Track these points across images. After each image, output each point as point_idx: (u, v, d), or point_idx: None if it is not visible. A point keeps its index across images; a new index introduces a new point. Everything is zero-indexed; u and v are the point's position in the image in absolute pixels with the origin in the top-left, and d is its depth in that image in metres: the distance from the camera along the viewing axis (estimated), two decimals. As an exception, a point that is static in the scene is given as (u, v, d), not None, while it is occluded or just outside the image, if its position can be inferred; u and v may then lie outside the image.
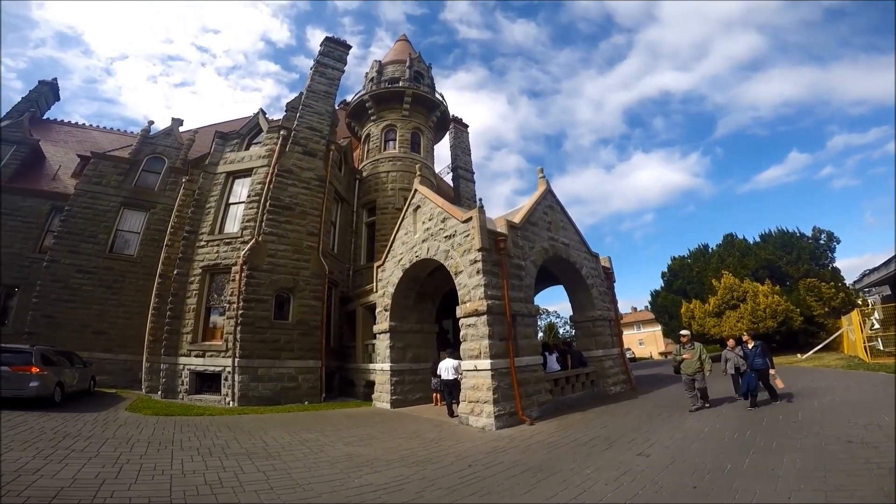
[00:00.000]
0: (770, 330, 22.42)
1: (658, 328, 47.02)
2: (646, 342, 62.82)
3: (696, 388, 9.52)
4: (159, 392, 13.86)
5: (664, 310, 31.19)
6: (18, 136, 21.04)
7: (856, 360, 16.16)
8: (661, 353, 56.45)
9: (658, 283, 33.65)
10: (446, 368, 11.18)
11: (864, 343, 16.31)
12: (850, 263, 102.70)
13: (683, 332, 10.42)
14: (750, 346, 9.49)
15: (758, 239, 29.43)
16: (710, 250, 30.72)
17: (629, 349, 39.37)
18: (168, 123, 21.97)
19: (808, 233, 27.80)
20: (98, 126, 27.32)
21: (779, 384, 9.60)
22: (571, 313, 15.04)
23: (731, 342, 10.63)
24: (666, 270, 32.68)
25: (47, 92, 27.12)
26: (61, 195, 19.32)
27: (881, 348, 15.97)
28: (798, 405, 8.94)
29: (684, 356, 9.69)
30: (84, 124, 27.14)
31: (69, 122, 26.83)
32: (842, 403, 8.76)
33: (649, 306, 37.45)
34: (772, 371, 9.30)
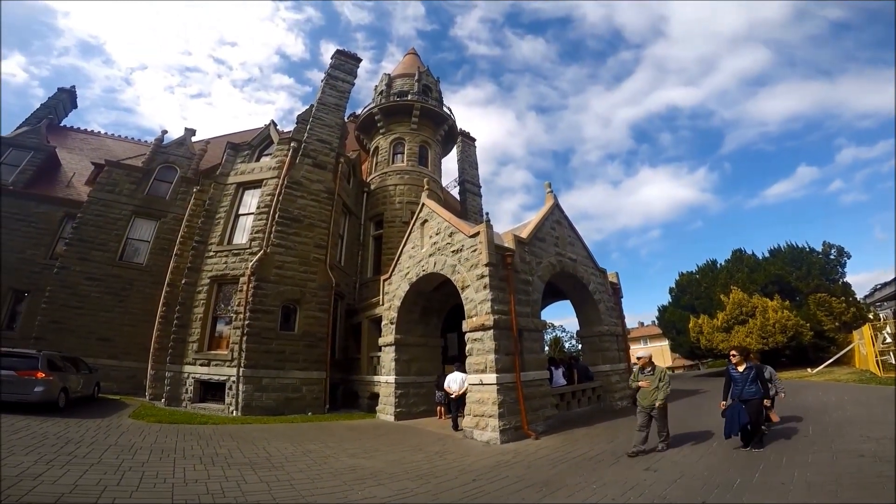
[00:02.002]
0: (780, 345, 22.17)
1: (665, 343, 46.60)
2: (653, 357, 61.97)
3: (650, 426, 7.33)
4: (163, 400, 13.85)
5: (672, 325, 30.97)
6: (36, 142, 21.41)
7: (868, 375, 15.95)
8: (668, 368, 55.97)
9: (665, 299, 33.51)
10: (453, 381, 11.12)
11: (876, 357, 16.14)
12: (861, 279, 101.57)
13: (640, 353, 8.29)
14: (741, 368, 7.13)
15: (767, 254, 29.19)
16: (718, 266, 30.51)
17: (636, 364, 38.81)
18: (181, 133, 22.33)
19: (818, 248, 27.52)
20: (113, 134, 27.83)
21: (773, 417, 8.05)
22: (578, 328, 14.92)
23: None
24: (674, 286, 32.56)
25: (65, 99, 27.70)
26: (74, 202, 19.60)
27: (893, 362, 15.69)
28: (809, 420, 8.75)
29: (640, 383, 7.56)
30: (99, 132, 27.69)
31: (85, 129, 27.34)
32: (854, 418, 8.58)
33: (656, 321, 37.10)
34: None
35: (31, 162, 20.66)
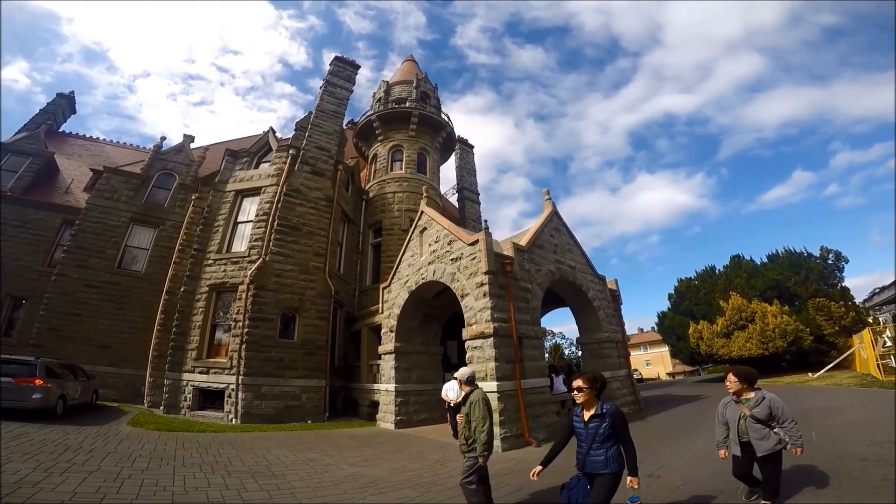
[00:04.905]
0: (780, 350, 22.25)
1: (665, 349, 46.66)
2: (653, 363, 62.59)
3: (467, 477, 4.54)
4: (161, 407, 13.74)
5: (671, 331, 30.97)
6: (34, 148, 21.36)
7: (869, 378, 16.03)
8: (668, 374, 56.14)
9: (665, 304, 33.50)
10: (450, 390, 11.07)
11: (877, 361, 16.22)
12: (860, 282, 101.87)
13: (459, 371, 5.24)
14: (588, 413, 3.78)
15: (765, 260, 29.36)
16: (717, 272, 30.63)
17: (636, 370, 38.86)
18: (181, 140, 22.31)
19: (816, 253, 27.67)
20: (112, 140, 27.83)
21: (795, 452, 4.45)
22: (578, 335, 14.92)
23: (730, 380, 4.77)
24: (673, 292, 32.58)
25: (64, 105, 27.67)
26: (73, 209, 19.53)
27: (894, 366, 15.75)
28: (811, 424, 8.73)
29: (458, 416, 5.52)
30: (98, 138, 27.62)
31: (84, 135, 27.22)
32: (856, 421, 8.60)
33: (656, 327, 37.11)
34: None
35: (30, 168, 20.59)
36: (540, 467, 3.86)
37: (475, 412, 4.62)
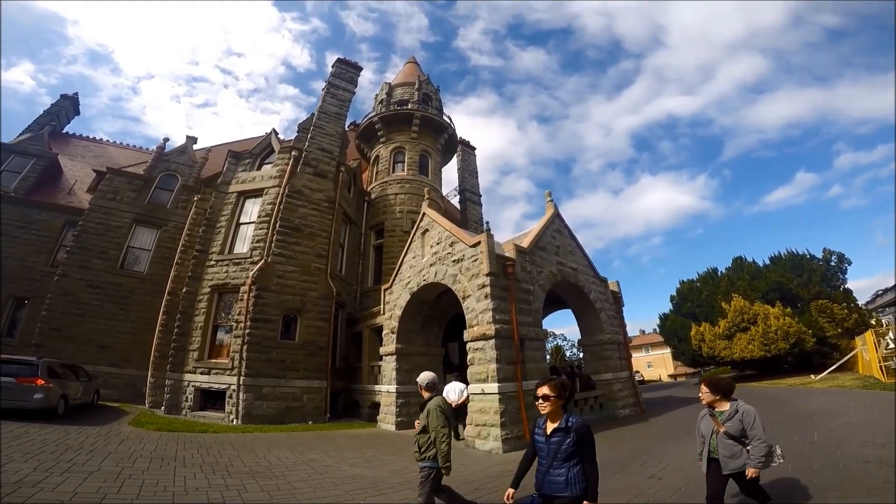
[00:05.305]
0: (782, 352, 22.18)
1: (667, 351, 46.58)
2: (654, 364, 62.58)
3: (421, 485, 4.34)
4: (162, 407, 13.76)
5: (673, 333, 30.95)
6: (38, 149, 21.49)
7: (871, 380, 15.98)
8: (669, 376, 56.07)
9: (667, 306, 33.43)
10: (451, 391, 11.04)
11: (880, 363, 16.17)
12: (863, 284, 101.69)
13: (420, 375, 4.99)
14: (550, 426, 3.18)
15: (768, 262, 29.28)
16: (719, 274, 30.57)
17: (638, 372, 38.81)
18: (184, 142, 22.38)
19: (819, 254, 27.60)
20: (115, 142, 27.92)
21: (749, 473, 3.95)
22: (579, 336, 14.89)
23: (702, 390, 4.37)
24: (675, 294, 32.57)
25: (68, 106, 27.82)
26: (76, 210, 19.62)
27: (896, 367, 15.70)
28: (814, 426, 8.69)
29: (416, 421, 4.77)
30: (102, 139, 27.75)
31: (87, 136, 27.36)
32: (859, 423, 8.56)
33: (658, 329, 37.04)
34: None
35: (34, 169, 20.72)
36: (512, 490, 3.38)
37: (433, 421, 4.35)
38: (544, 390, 3.22)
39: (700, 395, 4.35)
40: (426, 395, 4.73)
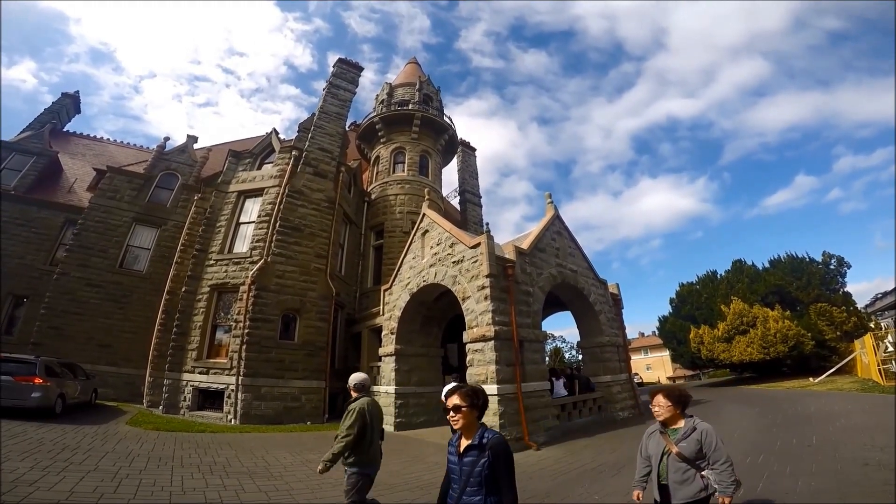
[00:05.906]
0: (781, 354, 22.16)
1: (666, 353, 46.56)
2: (653, 367, 62.59)
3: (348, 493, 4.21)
4: (160, 407, 13.73)
5: (672, 335, 30.92)
6: (38, 147, 21.46)
7: (870, 384, 15.93)
8: (668, 378, 56.11)
9: (666, 309, 33.46)
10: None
11: (879, 366, 16.14)
12: (862, 287, 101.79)
13: (352, 376, 4.69)
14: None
15: (767, 265, 29.26)
16: (718, 276, 30.57)
17: (637, 374, 38.80)
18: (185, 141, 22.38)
19: (818, 257, 27.61)
20: (116, 140, 27.88)
21: (723, 502, 3.15)
22: (579, 338, 14.88)
23: (659, 403, 3.48)
24: (674, 296, 32.56)
25: (69, 104, 27.74)
26: (76, 208, 19.60)
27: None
28: (813, 429, 8.69)
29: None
30: (102, 138, 27.69)
31: (88, 135, 27.27)
32: (857, 426, 8.54)
33: (657, 331, 37.01)
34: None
35: (34, 167, 20.69)
36: None
37: (344, 421, 4.14)
38: (454, 400, 2.65)
39: (655, 408, 3.50)
40: (354, 395, 4.47)
